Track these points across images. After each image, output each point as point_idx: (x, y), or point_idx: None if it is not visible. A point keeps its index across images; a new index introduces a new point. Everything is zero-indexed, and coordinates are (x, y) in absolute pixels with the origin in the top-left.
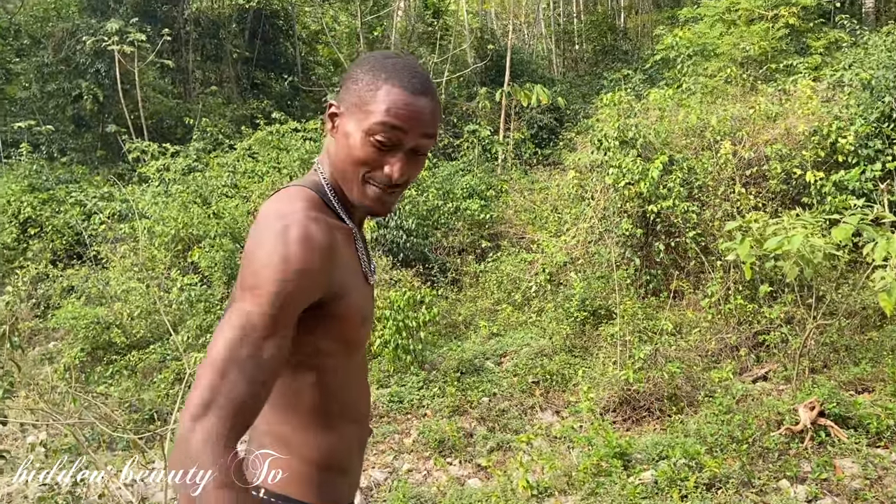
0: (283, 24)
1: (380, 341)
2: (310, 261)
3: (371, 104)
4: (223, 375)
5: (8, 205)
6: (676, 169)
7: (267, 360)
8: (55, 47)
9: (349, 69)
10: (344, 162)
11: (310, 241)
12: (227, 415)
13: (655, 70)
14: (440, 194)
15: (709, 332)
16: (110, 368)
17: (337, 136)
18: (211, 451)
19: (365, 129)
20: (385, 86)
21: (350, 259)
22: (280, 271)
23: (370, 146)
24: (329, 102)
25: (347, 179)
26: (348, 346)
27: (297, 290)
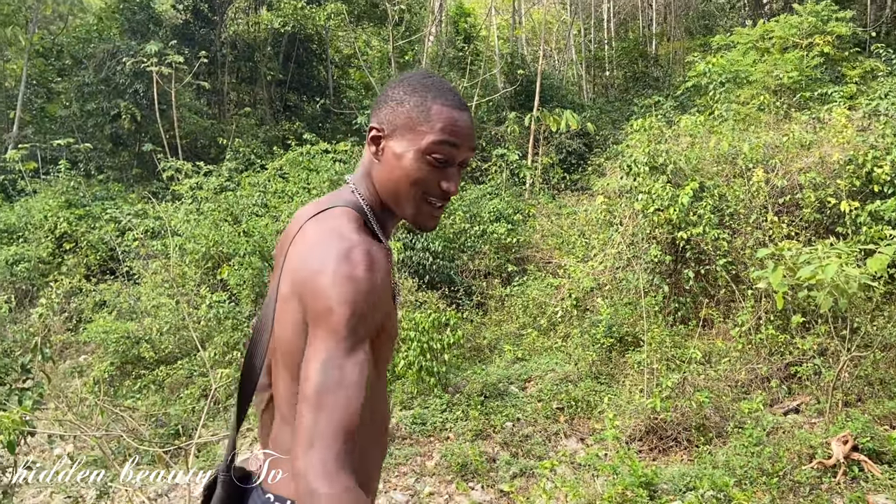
0: (316, 48)
1: (404, 362)
2: (376, 282)
3: (424, 124)
4: (320, 405)
5: (45, 220)
6: (707, 196)
7: (359, 378)
8: (96, 68)
9: (386, 90)
10: (398, 183)
11: (374, 263)
12: (334, 442)
13: (686, 97)
14: (467, 217)
15: (739, 361)
16: (138, 383)
17: (384, 157)
18: (324, 481)
19: (422, 149)
20: (435, 105)
21: (390, 280)
22: (356, 291)
23: (427, 164)
24: (371, 126)
25: (402, 200)
26: (380, 361)
27: (370, 307)
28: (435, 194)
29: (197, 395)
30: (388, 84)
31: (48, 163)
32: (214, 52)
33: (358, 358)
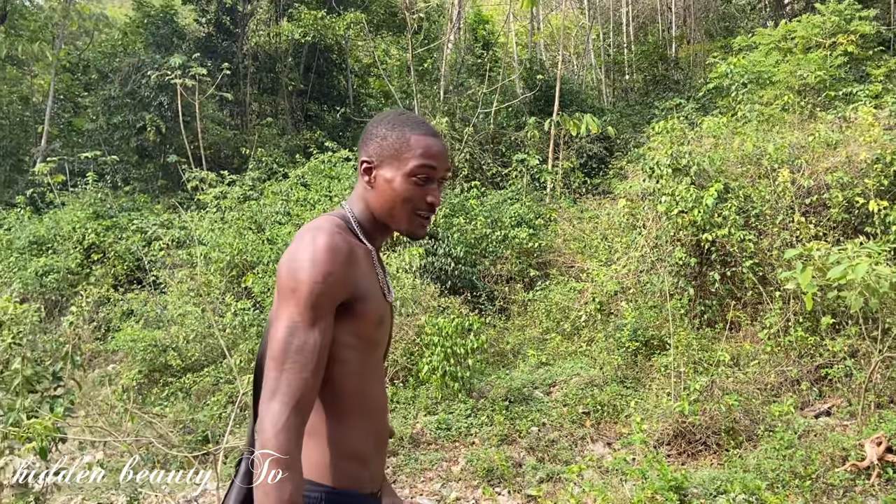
0: (336, 58)
1: (427, 368)
2: (334, 262)
3: (407, 152)
4: (281, 365)
5: (73, 231)
6: (732, 197)
7: (313, 348)
8: (121, 81)
9: (369, 128)
10: (392, 202)
11: (333, 247)
12: (287, 400)
13: (708, 99)
14: (488, 223)
15: (768, 364)
16: (166, 390)
17: (377, 184)
18: (276, 433)
19: (407, 172)
20: (413, 136)
21: (369, 272)
22: (312, 273)
23: (413, 184)
24: (362, 159)
25: (397, 216)
26: (366, 342)
27: (327, 288)
28: (423, 207)
29: (224, 401)
30: (370, 123)
31: (76, 175)
32: (237, 63)
33: (318, 328)
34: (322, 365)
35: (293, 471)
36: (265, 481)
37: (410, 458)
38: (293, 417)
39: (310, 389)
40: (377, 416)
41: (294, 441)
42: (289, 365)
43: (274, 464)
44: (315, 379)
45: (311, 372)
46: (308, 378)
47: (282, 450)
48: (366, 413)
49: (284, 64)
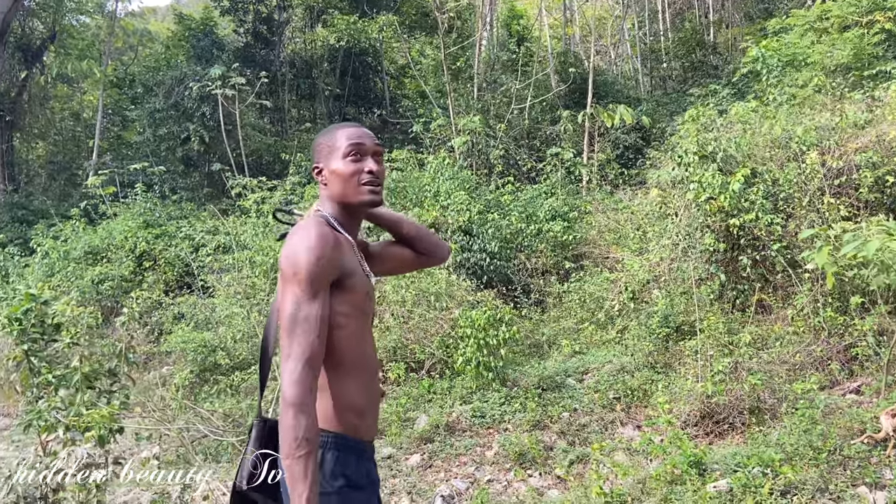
0: (371, 61)
1: (462, 359)
2: (325, 248)
3: (336, 143)
4: (292, 333)
5: (125, 240)
6: (759, 181)
7: (315, 317)
8: (165, 94)
9: (313, 145)
10: (342, 184)
11: (323, 237)
12: (299, 359)
13: (744, 84)
14: (523, 217)
15: (796, 344)
16: (216, 387)
17: (328, 178)
18: (292, 384)
19: (342, 155)
20: (338, 131)
21: (352, 257)
22: (307, 257)
23: (350, 162)
24: (313, 167)
25: (349, 193)
26: (359, 311)
27: (319, 268)
28: (366, 177)
29: (270, 397)
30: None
31: (126, 186)
32: (274, 71)
33: (318, 301)
34: (325, 330)
35: (306, 413)
36: (284, 422)
37: (446, 444)
38: (305, 371)
39: (317, 349)
40: (371, 375)
41: (306, 391)
42: (298, 331)
43: (290, 408)
44: (320, 341)
45: (316, 335)
46: (314, 340)
47: (296, 397)
48: (361, 372)
49: (321, 69)
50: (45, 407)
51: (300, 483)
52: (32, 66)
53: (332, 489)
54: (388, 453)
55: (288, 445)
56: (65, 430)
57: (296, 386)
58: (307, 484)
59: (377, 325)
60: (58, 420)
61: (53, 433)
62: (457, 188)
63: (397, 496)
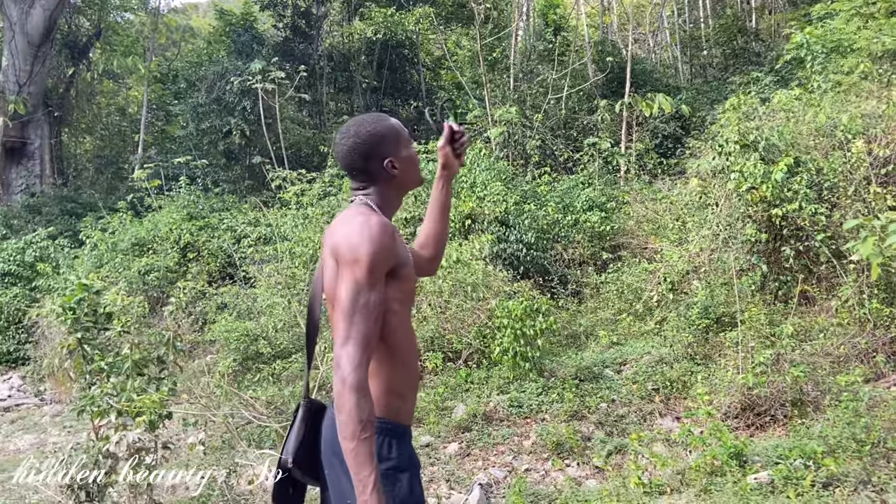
0: (408, 53)
1: (499, 349)
2: (386, 238)
3: (399, 133)
4: (351, 319)
5: (170, 232)
6: (803, 171)
7: (374, 303)
8: (207, 89)
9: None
10: (415, 168)
11: (384, 226)
12: (359, 344)
13: (787, 71)
14: (560, 208)
15: (839, 336)
16: (258, 375)
17: (402, 165)
18: (353, 369)
19: (408, 143)
20: (388, 122)
21: (403, 245)
22: (369, 246)
23: (412, 148)
24: (386, 160)
25: (417, 176)
26: (408, 297)
27: (381, 257)
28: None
29: (311, 385)
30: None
31: (170, 180)
32: (313, 65)
33: (377, 290)
34: (380, 317)
35: (368, 396)
36: (347, 406)
37: (483, 433)
38: (364, 355)
39: (374, 335)
40: (414, 358)
41: (366, 374)
42: (357, 317)
43: (354, 392)
44: (377, 326)
45: (374, 321)
46: (372, 326)
47: (359, 381)
48: (407, 355)
49: (358, 62)
50: (97, 393)
51: (366, 466)
52: (79, 62)
53: (380, 471)
54: (426, 441)
55: (352, 429)
56: (117, 416)
57: (358, 370)
58: (373, 466)
59: (415, 314)
60: (110, 405)
61: (106, 418)
62: (493, 179)
63: (436, 483)
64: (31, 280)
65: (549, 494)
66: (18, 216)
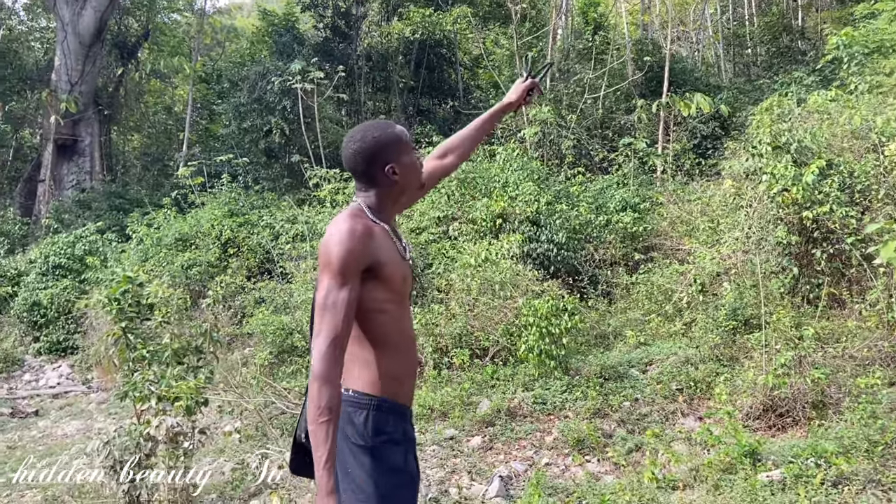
0: (445, 52)
1: (525, 347)
2: (355, 242)
3: (401, 140)
4: (322, 316)
5: (212, 228)
6: (835, 173)
7: (343, 302)
8: (249, 88)
9: (371, 147)
10: (415, 173)
11: (354, 231)
12: (326, 338)
13: (831, 70)
14: (592, 208)
15: (864, 339)
16: (292, 367)
17: (402, 171)
18: (319, 360)
19: (410, 149)
20: (392, 130)
21: (387, 244)
22: (339, 249)
23: (413, 152)
24: (387, 167)
25: (417, 179)
26: (398, 296)
27: (350, 259)
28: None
29: None
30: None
31: (213, 177)
32: (351, 65)
33: (346, 289)
34: (351, 313)
35: (330, 385)
36: (311, 393)
37: (507, 428)
38: (331, 349)
39: (342, 331)
40: (409, 348)
41: (331, 365)
42: (327, 315)
43: (316, 380)
44: (345, 323)
45: (341, 319)
46: (339, 322)
47: (322, 371)
48: (402, 347)
49: (396, 62)
50: (139, 379)
51: (321, 446)
52: (128, 62)
53: (375, 443)
54: (450, 434)
55: (312, 413)
56: (157, 401)
57: (322, 361)
58: (326, 447)
59: (443, 311)
60: (151, 391)
61: (147, 403)
62: (525, 179)
63: (458, 474)
64: (80, 273)
65: (566, 488)
66: (69, 211)
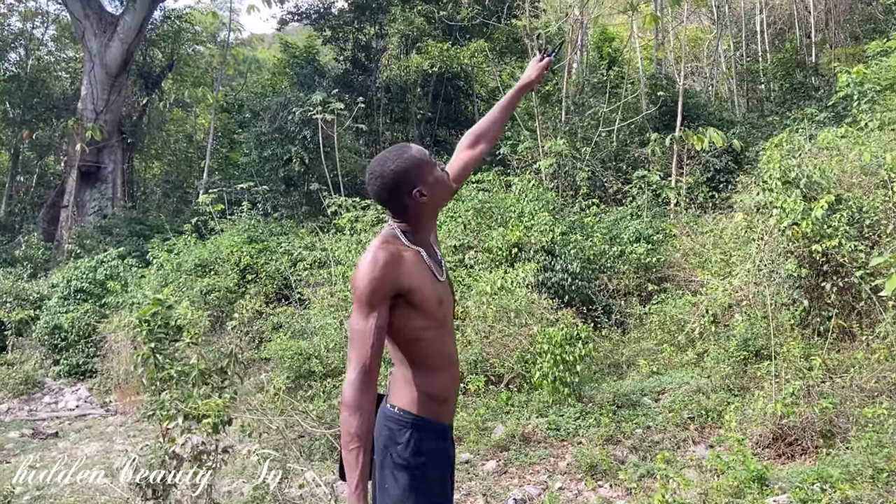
0: (463, 85)
1: (539, 374)
2: (380, 270)
3: (422, 160)
4: (351, 345)
5: (231, 254)
6: (843, 208)
7: (371, 330)
8: (270, 118)
9: (394, 176)
10: (443, 189)
11: (377, 261)
12: (355, 367)
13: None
14: (606, 239)
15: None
16: (310, 391)
17: (430, 191)
18: (348, 388)
19: (432, 167)
20: (410, 152)
21: (418, 268)
22: (363, 279)
23: (438, 168)
24: (415, 191)
25: (447, 194)
26: (435, 321)
27: (373, 288)
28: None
29: None
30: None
31: (233, 204)
32: (370, 96)
33: (372, 317)
34: (380, 341)
35: (359, 413)
36: (342, 419)
37: (521, 453)
38: (359, 377)
39: (370, 358)
40: (450, 368)
41: (360, 393)
42: (355, 344)
43: (346, 408)
44: (373, 351)
45: (369, 347)
46: (367, 351)
47: (351, 400)
48: (442, 367)
49: (414, 94)
50: (167, 398)
51: (352, 471)
52: (152, 92)
53: (415, 464)
54: (465, 458)
55: (343, 439)
56: (184, 419)
57: (350, 389)
58: (357, 473)
59: (459, 338)
60: (178, 409)
61: (174, 422)
62: (541, 209)
63: (473, 497)
64: (100, 297)
65: None
66: (91, 236)
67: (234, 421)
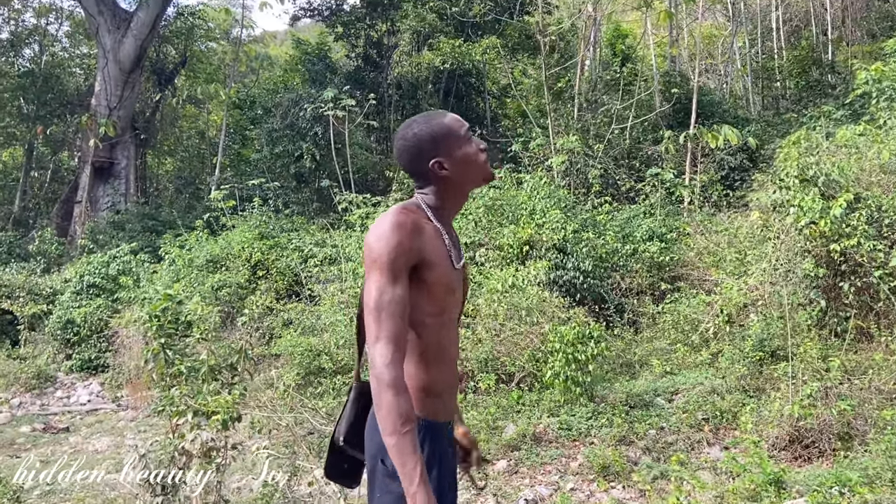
0: (474, 82)
1: (551, 373)
2: (401, 235)
3: (452, 130)
4: (378, 317)
5: (242, 250)
6: (862, 207)
7: (398, 299)
8: (282, 115)
9: (417, 141)
10: (471, 166)
11: (398, 224)
12: (389, 341)
13: (861, 104)
14: (619, 237)
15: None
16: (319, 388)
17: (454, 165)
18: (386, 366)
19: (466, 140)
20: (442, 120)
21: (436, 244)
22: (384, 244)
23: (473, 143)
24: (434, 162)
25: (477, 174)
26: (440, 308)
27: (398, 253)
28: (484, 155)
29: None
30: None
31: (244, 201)
32: (382, 93)
33: (399, 285)
34: (407, 311)
35: (404, 391)
36: (385, 402)
37: (532, 453)
38: (396, 352)
39: (402, 329)
40: (450, 364)
41: (400, 370)
42: (384, 315)
43: (390, 388)
44: (404, 321)
45: (400, 316)
46: (399, 321)
47: (394, 378)
48: (441, 362)
49: (425, 90)
50: (176, 394)
51: (410, 457)
52: (165, 88)
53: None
54: None
55: (392, 423)
56: (193, 415)
57: (391, 367)
58: (416, 457)
59: (470, 336)
60: (187, 405)
61: (183, 418)
62: (552, 207)
63: (483, 497)
64: (113, 292)
65: None
66: (104, 231)
67: (244, 417)
